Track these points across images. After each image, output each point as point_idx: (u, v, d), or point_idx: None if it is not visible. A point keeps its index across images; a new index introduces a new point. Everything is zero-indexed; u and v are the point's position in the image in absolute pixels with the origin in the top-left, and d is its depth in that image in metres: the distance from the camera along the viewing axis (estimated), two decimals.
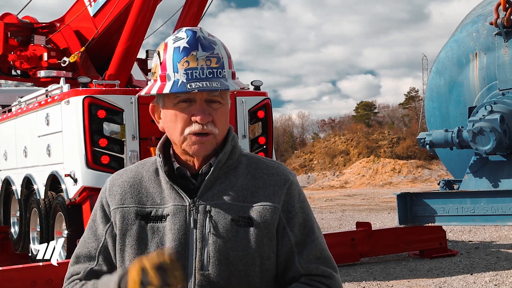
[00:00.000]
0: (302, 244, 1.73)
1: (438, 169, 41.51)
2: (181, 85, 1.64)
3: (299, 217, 1.74)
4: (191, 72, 1.64)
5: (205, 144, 1.69)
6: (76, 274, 1.77)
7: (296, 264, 1.71)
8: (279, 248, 1.72)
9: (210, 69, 1.66)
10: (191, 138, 1.68)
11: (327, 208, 21.74)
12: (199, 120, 1.66)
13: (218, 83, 1.65)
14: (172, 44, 1.69)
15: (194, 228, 1.68)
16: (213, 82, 1.65)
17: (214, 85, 1.64)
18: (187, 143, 1.69)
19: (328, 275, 1.73)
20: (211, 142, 1.70)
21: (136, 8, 8.41)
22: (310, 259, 1.72)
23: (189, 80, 1.64)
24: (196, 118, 1.66)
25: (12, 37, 10.08)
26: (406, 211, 9.12)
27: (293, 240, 1.72)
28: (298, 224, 1.73)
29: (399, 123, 65.28)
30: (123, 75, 8.79)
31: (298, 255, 1.72)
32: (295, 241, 1.72)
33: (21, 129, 9.47)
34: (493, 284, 7.50)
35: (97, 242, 1.77)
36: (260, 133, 8.77)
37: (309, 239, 1.74)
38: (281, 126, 69.37)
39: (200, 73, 1.65)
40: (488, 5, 10.15)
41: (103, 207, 1.79)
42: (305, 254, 1.72)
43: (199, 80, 1.64)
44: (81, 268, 1.77)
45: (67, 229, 7.97)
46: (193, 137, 1.68)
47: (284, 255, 1.72)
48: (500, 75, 9.18)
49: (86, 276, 1.75)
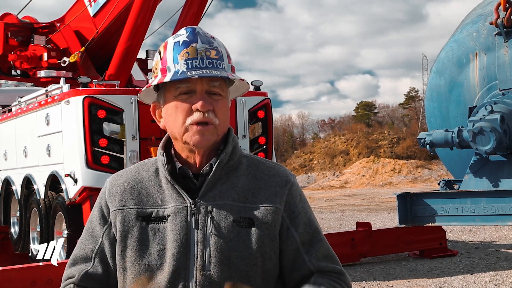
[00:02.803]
0: (309, 244, 1.74)
1: (438, 169, 41.51)
2: (181, 73, 1.66)
3: (302, 217, 1.75)
4: (191, 61, 1.67)
5: (206, 134, 1.69)
6: (72, 277, 1.78)
7: (306, 263, 1.72)
8: (284, 249, 1.72)
9: (210, 60, 1.68)
10: (192, 128, 1.68)
11: (327, 208, 21.73)
12: (200, 107, 1.66)
13: (217, 71, 1.67)
14: (172, 40, 1.72)
15: (195, 229, 1.68)
16: (213, 71, 1.67)
17: (214, 73, 1.66)
18: (188, 134, 1.69)
19: (339, 271, 1.75)
20: (212, 132, 1.70)
21: (136, 8, 8.41)
22: (319, 258, 1.74)
23: (189, 69, 1.66)
24: (197, 106, 1.67)
25: (12, 37, 10.07)
26: (406, 211, 9.13)
27: (298, 240, 1.73)
28: (302, 223, 1.74)
29: (399, 123, 65.28)
30: (123, 75, 8.79)
31: (306, 254, 1.73)
32: (301, 240, 1.73)
33: (21, 129, 9.46)
34: (493, 284, 7.49)
35: (94, 243, 1.78)
36: (260, 133, 8.77)
37: (315, 238, 1.75)
38: (281, 126, 69.39)
39: (200, 62, 1.67)
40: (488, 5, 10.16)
41: (102, 209, 1.79)
42: (313, 252, 1.73)
43: (199, 69, 1.66)
44: (77, 270, 1.78)
45: (67, 229, 7.97)
46: (194, 127, 1.68)
47: (291, 256, 1.73)
48: (500, 75, 9.19)
49: (80, 280, 1.76)
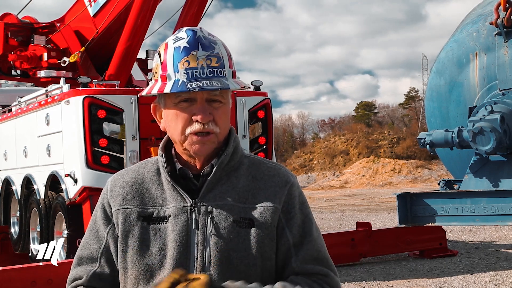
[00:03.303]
0: (299, 245, 1.73)
1: (438, 169, 41.51)
2: (181, 84, 1.63)
3: (297, 218, 1.74)
4: (192, 71, 1.64)
5: (206, 144, 1.68)
6: (79, 278, 1.77)
7: (292, 264, 1.71)
8: (278, 248, 1.72)
9: (211, 69, 1.65)
10: (192, 138, 1.67)
11: (327, 208, 21.73)
12: (200, 120, 1.65)
13: (218, 82, 1.65)
14: (172, 44, 1.69)
15: (195, 229, 1.68)
16: (214, 82, 1.64)
17: (215, 84, 1.63)
18: (188, 142, 1.68)
19: (324, 273, 1.72)
20: (212, 141, 1.69)
21: (136, 8, 8.41)
22: (306, 260, 1.72)
23: (189, 80, 1.63)
24: (197, 118, 1.66)
25: (12, 37, 10.07)
26: (406, 211, 9.13)
27: (291, 241, 1.72)
28: (296, 225, 1.73)
29: (399, 123, 65.27)
30: (123, 75, 8.79)
31: (295, 255, 1.72)
32: (293, 242, 1.72)
33: (21, 129, 9.46)
34: (493, 284, 7.50)
35: (99, 243, 1.77)
36: (260, 133, 8.76)
37: (306, 240, 1.74)
38: (281, 126, 69.38)
39: (200, 72, 1.64)
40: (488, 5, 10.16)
41: (104, 208, 1.78)
42: (301, 254, 1.72)
43: (200, 80, 1.64)
44: (84, 271, 1.76)
45: (67, 229, 7.97)
46: (194, 137, 1.67)
47: (282, 255, 1.72)
48: (500, 75, 9.19)
49: (89, 281, 1.74)
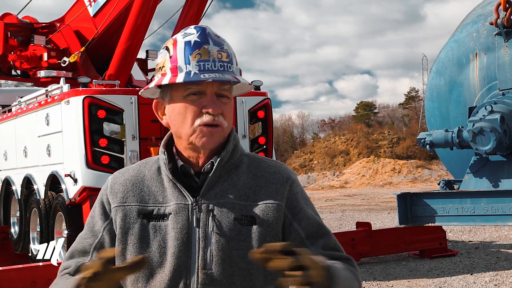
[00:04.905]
0: (314, 237, 1.73)
1: (438, 169, 41.52)
2: (194, 75, 1.64)
3: (304, 212, 1.75)
4: (204, 64, 1.66)
5: (214, 136, 1.69)
6: (67, 268, 1.77)
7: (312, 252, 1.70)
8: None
9: (222, 62, 1.68)
10: (202, 129, 1.68)
11: (327, 208, 21.72)
12: (212, 111, 1.66)
13: (230, 76, 1.67)
14: (182, 39, 1.70)
15: (196, 227, 1.68)
16: (225, 74, 1.67)
17: (227, 77, 1.66)
18: (197, 134, 1.69)
19: (347, 257, 1.73)
20: (220, 134, 1.70)
21: (136, 8, 8.41)
22: (325, 248, 1.72)
23: (201, 71, 1.65)
24: (208, 110, 1.67)
25: (12, 37, 10.08)
26: (406, 211, 9.11)
27: (303, 234, 1.72)
28: (305, 218, 1.74)
29: (399, 123, 65.27)
30: (123, 75, 8.79)
31: (312, 245, 1.71)
32: (305, 234, 1.72)
33: (21, 129, 9.46)
34: (493, 284, 7.50)
35: (93, 238, 1.77)
36: (260, 133, 8.77)
37: (321, 232, 1.75)
38: (281, 126, 69.39)
39: (212, 65, 1.66)
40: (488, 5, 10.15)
41: (103, 204, 1.78)
42: (319, 243, 1.72)
43: (212, 72, 1.65)
44: (73, 262, 1.77)
45: (67, 229, 7.96)
46: (204, 128, 1.68)
47: None
48: (500, 75, 9.18)
49: (76, 272, 1.73)
